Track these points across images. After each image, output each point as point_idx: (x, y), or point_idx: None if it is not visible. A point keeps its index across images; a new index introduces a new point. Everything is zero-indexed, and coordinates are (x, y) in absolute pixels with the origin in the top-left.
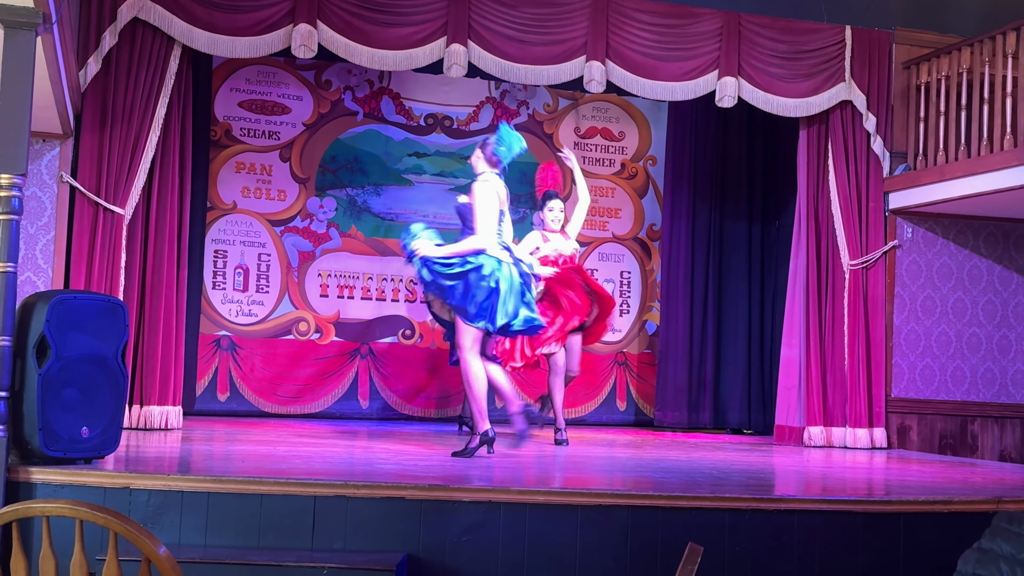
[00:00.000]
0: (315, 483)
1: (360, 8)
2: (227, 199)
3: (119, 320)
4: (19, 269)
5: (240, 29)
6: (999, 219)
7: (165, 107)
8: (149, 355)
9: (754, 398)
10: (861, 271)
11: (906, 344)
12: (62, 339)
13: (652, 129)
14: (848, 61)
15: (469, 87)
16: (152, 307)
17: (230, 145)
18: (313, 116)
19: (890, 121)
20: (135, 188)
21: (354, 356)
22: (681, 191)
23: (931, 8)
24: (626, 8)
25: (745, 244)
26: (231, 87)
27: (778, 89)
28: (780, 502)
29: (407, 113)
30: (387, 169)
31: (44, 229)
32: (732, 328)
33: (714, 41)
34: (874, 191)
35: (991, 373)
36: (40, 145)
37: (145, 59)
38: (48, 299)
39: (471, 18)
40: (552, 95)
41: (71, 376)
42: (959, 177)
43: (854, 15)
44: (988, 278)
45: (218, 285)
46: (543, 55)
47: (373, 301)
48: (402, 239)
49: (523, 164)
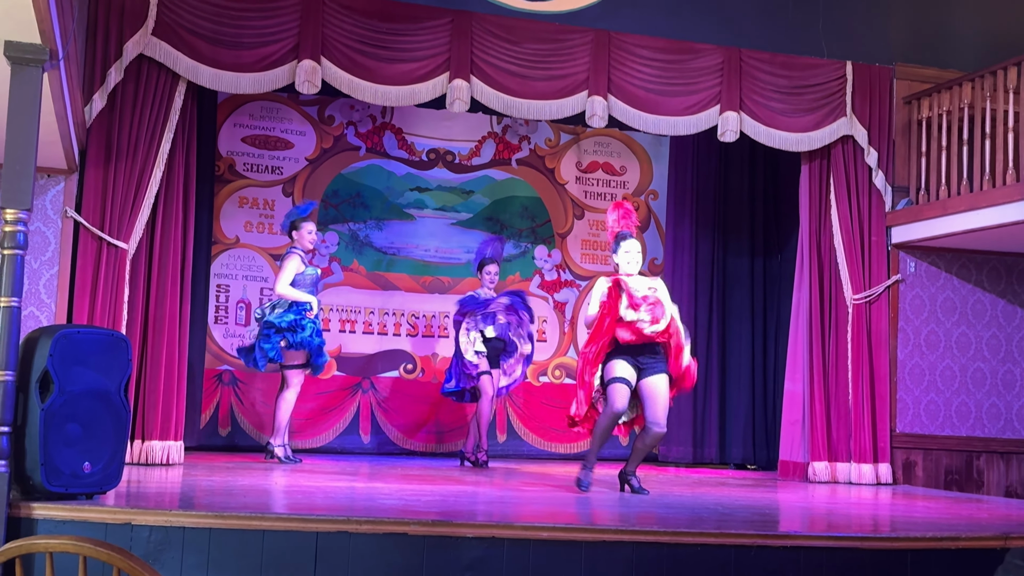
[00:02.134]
0: (317, 519)
1: (363, 44)
2: (230, 234)
3: (122, 354)
4: (23, 304)
5: (244, 65)
6: (1002, 253)
7: (170, 142)
8: (151, 389)
9: (758, 433)
10: (864, 305)
11: (910, 379)
12: (65, 374)
13: (654, 164)
14: (849, 96)
15: (471, 122)
16: (155, 342)
17: (233, 180)
18: (316, 151)
19: (892, 155)
20: (139, 223)
21: (355, 391)
22: (683, 225)
23: (931, 44)
24: (627, 44)
25: (748, 278)
26: (235, 122)
27: (779, 124)
28: (785, 539)
29: (409, 148)
30: (389, 204)
31: (48, 264)
32: (736, 362)
33: (715, 76)
34: (876, 225)
35: (996, 408)
36: (45, 180)
37: (150, 95)
38: (52, 333)
39: (473, 54)
40: (554, 130)
41: (74, 411)
42: (961, 212)
43: (854, 51)
44: (992, 312)
45: (220, 319)
46: (545, 90)
47: (375, 335)
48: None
49: (523, 198)
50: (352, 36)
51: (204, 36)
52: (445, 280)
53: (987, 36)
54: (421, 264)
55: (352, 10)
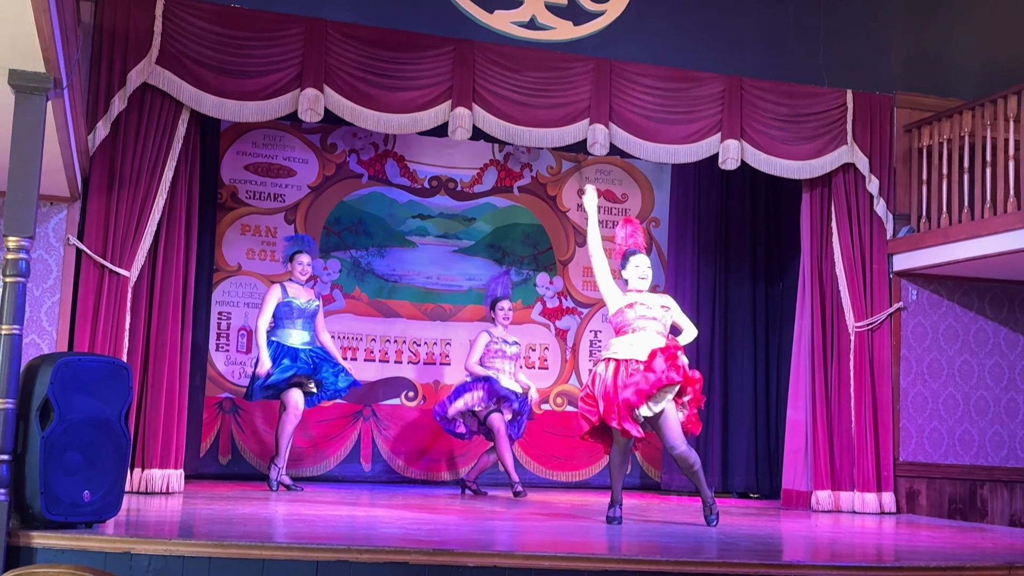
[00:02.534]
0: (317, 547)
1: (366, 73)
2: (232, 261)
3: (123, 382)
4: (24, 331)
5: (248, 94)
6: (1004, 281)
7: (172, 170)
8: (152, 417)
9: (761, 461)
10: (866, 333)
11: (913, 407)
12: (66, 402)
13: (655, 191)
14: (850, 124)
15: (473, 150)
16: (155, 369)
17: (236, 207)
18: (318, 179)
19: (893, 183)
20: (141, 250)
21: (356, 418)
22: (685, 252)
23: (931, 73)
24: (628, 72)
25: (749, 305)
26: (238, 150)
27: (780, 152)
28: (789, 568)
29: (411, 175)
30: (391, 231)
31: (49, 291)
32: (738, 390)
33: (716, 104)
34: (878, 253)
35: (999, 437)
36: (48, 208)
37: (154, 123)
38: (52, 361)
39: (475, 82)
40: (555, 157)
41: (74, 439)
42: (963, 239)
43: (855, 79)
44: (994, 340)
45: (221, 347)
46: (546, 118)
47: (376, 363)
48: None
49: (524, 226)
50: (355, 64)
51: (208, 65)
52: (447, 307)
53: (987, 65)
54: (423, 291)
55: (355, 39)
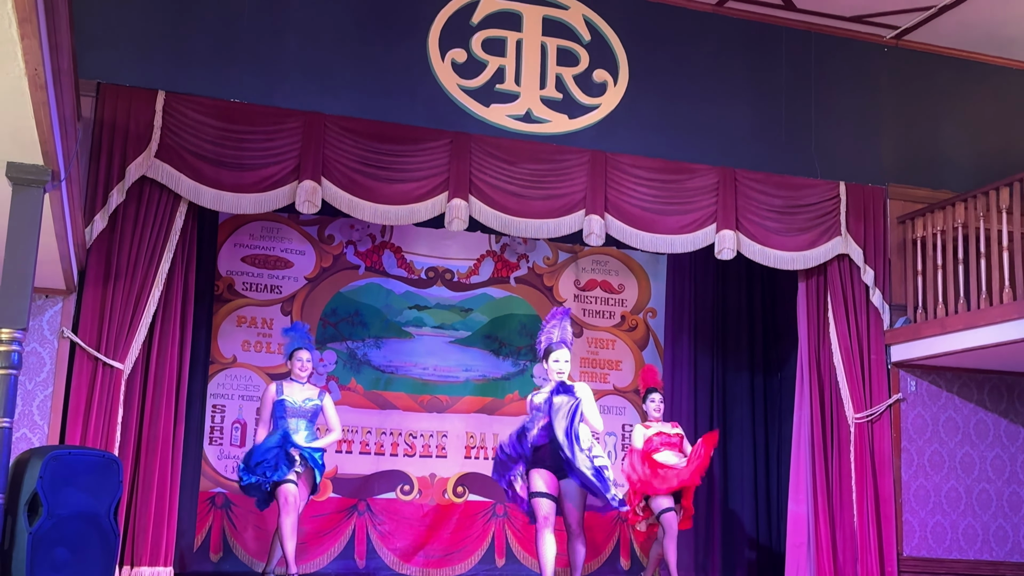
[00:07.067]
0: None
1: (363, 165)
2: (227, 353)
3: (113, 476)
4: (15, 425)
5: (246, 186)
6: (1002, 372)
7: (169, 262)
8: (142, 513)
9: (762, 555)
10: (866, 424)
11: (915, 500)
12: (55, 496)
13: (651, 281)
14: (843, 215)
15: (469, 241)
16: (147, 463)
17: (232, 299)
18: (315, 270)
19: (888, 274)
20: (136, 343)
21: (351, 513)
22: (681, 343)
23: (923, 165)
24: (623, 164)
25: (748, 396)
26: (235, 242)
27: (775, 242)
28: None
29: (408, 266)
30: (387, 322)
31: (42, 385)
32: (738, 482)
33: (711, 196)
34: (875, 344)
35: (1003, 530)
36: (43, 301)
37: (151, 216)
38: (42, 455)
39: (472, 174)
40: (552, 248)
41: (62, 534)
42: (960, 330)
43: (847, 171)
44: (995, 432)
45: (215, 440)
46: (542, 209)
47: (371, 455)
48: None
49: (521, 316)
50: (352, 157)
51: (206, 158)
52: (443, 399)
53: (977, 157)
54: (419, 383)
55: (353, 132)
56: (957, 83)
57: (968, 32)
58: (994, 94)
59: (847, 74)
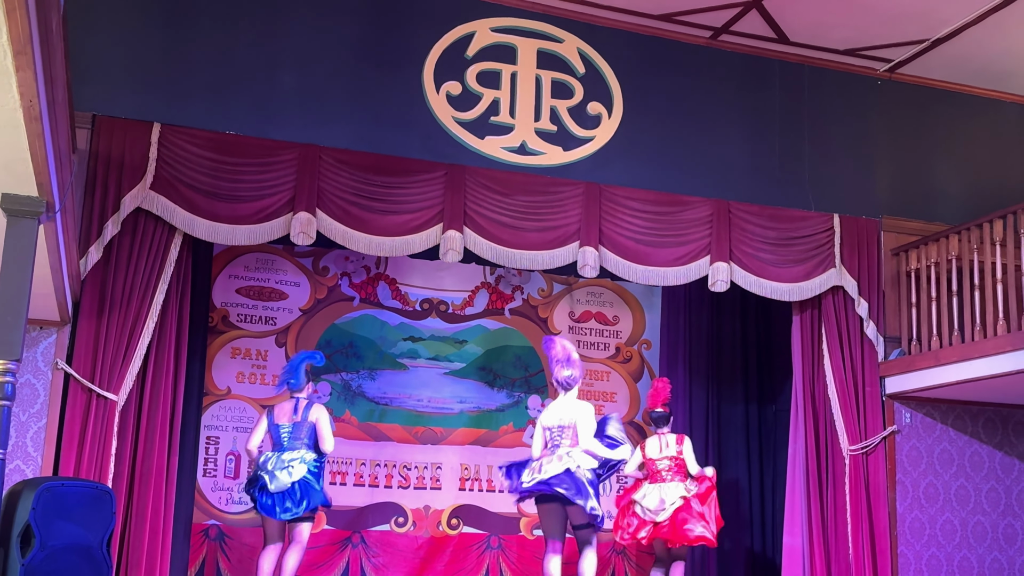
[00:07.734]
0: None
1: (358, 197)
2: (221, 385)
3: (106, 508)
4: (8, 457)
5: (241, 218)
6: (997, 404)
7: (163, 294)
8: (135, 545)
9: None
10: (861, 456)
11: (911, 533)
12: (47, 528)
13: (646, 313)
14: (838, 248)
15: (464, 272)
16: (140, 495)
17: (227, 331)
18: (310, 302)
19: (882, 306)
20: (130, 374)
21: (345, 545)
22: (676, 374)
23: (916, 198)
24: (617, 196)
25: (743, 427)
26: (230, 274)
27: (770, 274)
28: None
29: (403, 298)
30: (382, 353)
31: (36, 416)
32: (733, 513)
33: (705, 228)
34: (870, 376)
35: (998, 563)
36: (37, 332)
37: (146, 247)
38: (35, 487)
39: (467, 205)
40: (546, 280)
41: (55, 567)
42: (954, 362)
43: (841, 204)
44: (990, 464)
45: (209, 472)
46: (537, 241)
47: (366, 488)
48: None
49: (516, 348)
50: (347, 189)
51: (201, 190)
52: (437, 431)
53: (971, 190)
54: (414, 414)
55: (348, 164)
56: (950, 116)
57: (961, 65)
58: (987, 127)
59: (841, 107)
